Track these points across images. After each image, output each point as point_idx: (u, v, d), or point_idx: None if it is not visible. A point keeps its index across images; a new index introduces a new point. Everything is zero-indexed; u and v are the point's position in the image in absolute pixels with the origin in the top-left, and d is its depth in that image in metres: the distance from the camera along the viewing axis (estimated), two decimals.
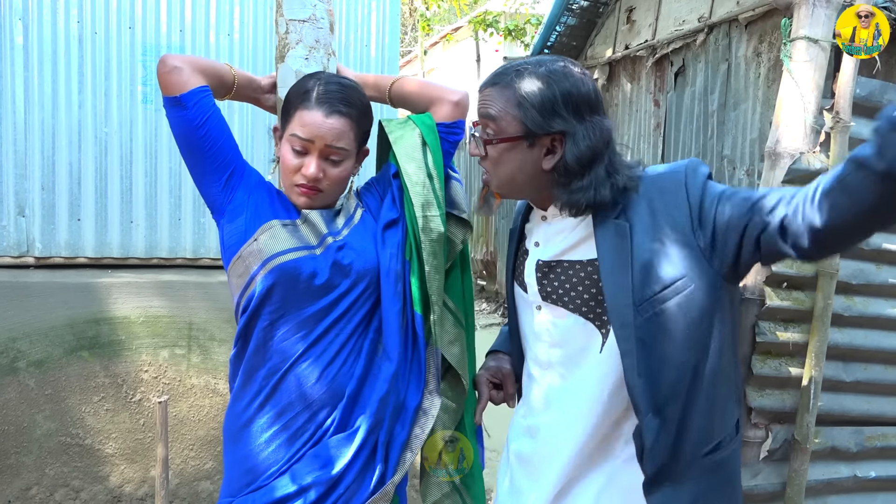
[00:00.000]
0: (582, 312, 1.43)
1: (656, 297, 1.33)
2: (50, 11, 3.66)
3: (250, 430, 1.54)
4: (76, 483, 3.46)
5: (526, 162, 1.39)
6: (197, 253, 3.97)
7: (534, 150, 1.38)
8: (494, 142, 1.40)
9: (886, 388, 1.92)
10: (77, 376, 3.47)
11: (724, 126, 5.14)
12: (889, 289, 1.88)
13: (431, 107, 1.75)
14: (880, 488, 1.96)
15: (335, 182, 1.57)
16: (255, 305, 1.53)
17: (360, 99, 1.59)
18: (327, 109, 1.52)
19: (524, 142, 1.38)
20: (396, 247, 1.62)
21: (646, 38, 6.11)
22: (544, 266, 1.48)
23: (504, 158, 1.41)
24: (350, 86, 1.60)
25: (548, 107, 1.35)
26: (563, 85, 1.36)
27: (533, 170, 1.40)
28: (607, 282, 1.35)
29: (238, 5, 3.97)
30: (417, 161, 1.66)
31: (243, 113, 3.99)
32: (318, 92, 1.54)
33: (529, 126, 1.36)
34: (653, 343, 1.34)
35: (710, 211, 1.32)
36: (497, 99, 1.39)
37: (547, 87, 1.35)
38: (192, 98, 1.54)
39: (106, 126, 3.79)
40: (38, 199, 3.70)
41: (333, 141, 1.52)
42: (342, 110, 1.53)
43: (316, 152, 1.53)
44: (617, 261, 1.35)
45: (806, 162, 1.75)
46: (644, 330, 1.33)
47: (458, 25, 15.40)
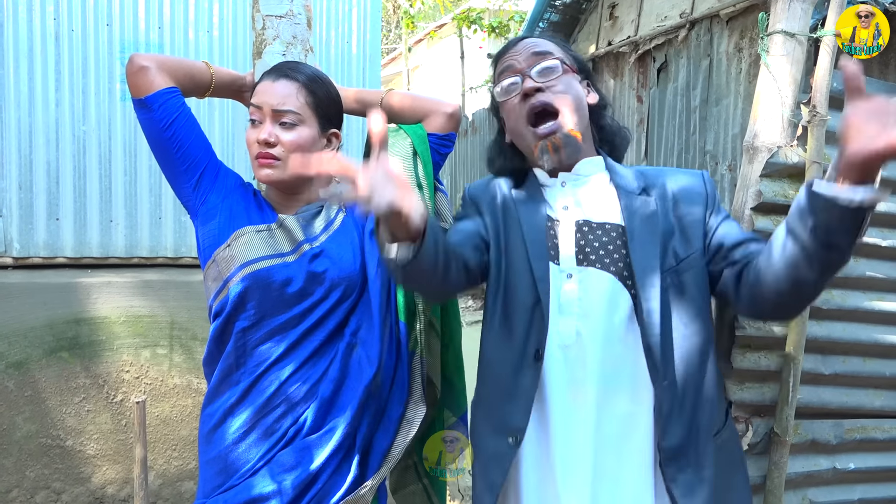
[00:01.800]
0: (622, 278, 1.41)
1: (675, 268, 1.41)
2: (26, 9, 3.62)
3: (223, 432, 1.53)
4: (57, 485, 3.43)
5: (581, 93, 1.52)
6: (178, 252, 3.94)
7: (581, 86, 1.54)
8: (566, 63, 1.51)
9: (865, 381, 1.94)
10: (57, 377, 3.43)
11: (706, 121, 5.16)
12: (866, 282, 1.89)
13: (425, 119, 1.74)
14: (859, 480, 1.98)
15: (290, 149, 1.52)
16: (230, 311, 1.51)
17: (312, 70, 1.59)
18: (275, 76, 1.55)
19: (577, 75, 1.53)
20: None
21: (628, 34, 6.12)
22: (584, 226, 1.46)
23: (571, 84, 1.50)
24: (307, 65, 1.61)
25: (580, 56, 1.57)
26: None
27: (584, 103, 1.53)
28: (636, 248, 1.41)
29: (217, 2, 3.93)
30: (407, 170, 1.66)
31: (224, 112, 3.96)
32: (270, 69, 1.58)
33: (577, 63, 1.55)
34: (672, 309, 1.40)
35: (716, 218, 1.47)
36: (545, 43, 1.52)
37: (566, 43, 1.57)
38: (157, 99, 1.52)
39: (84, 124, 3.75)
40: (15, 199, 3.66)
41: (280, 103, 1.52)
42: (288, 74, 1.55)
43: (267, 119, 1.52)
44: (645, 229, 1.42)
45: (783, 156, 1.75)
46: (665, 295, 1.39)
47: (443, 22, 15.39)
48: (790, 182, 1.79)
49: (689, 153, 5.33)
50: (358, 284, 1.58)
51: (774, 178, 1.77)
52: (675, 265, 1.41)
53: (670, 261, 1.41)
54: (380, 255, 1.33)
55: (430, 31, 16.01)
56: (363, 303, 1.59)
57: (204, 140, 1.58)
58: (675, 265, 1.41)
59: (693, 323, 1.41)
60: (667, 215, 1.45)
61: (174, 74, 1.57)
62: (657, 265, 1.39)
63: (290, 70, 1.55)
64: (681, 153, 5.44)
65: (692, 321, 1.41)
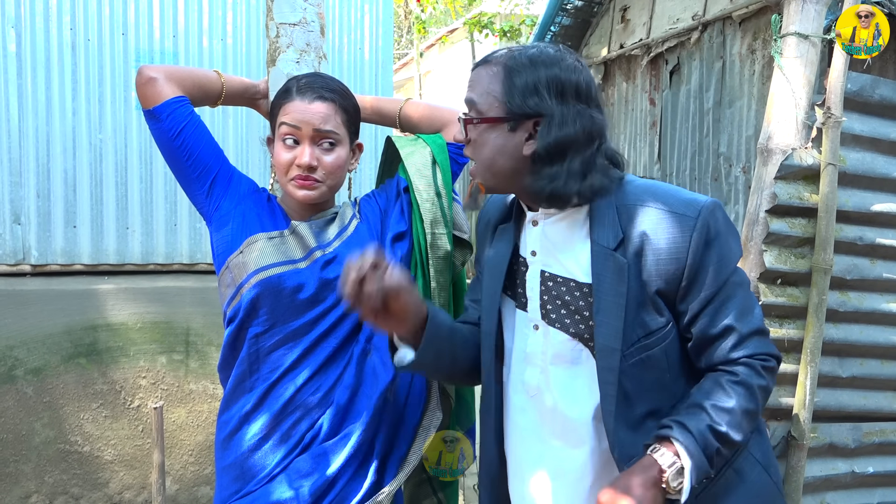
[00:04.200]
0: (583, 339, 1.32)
1: (643, 342, 1.27)
2: (42, 19, 3.66)
3: (239, 438, 1.54)
4: (75, 490, 3.46)
5: (507, 146, 1.30)
6: (193, 258, 3.97)
7: (516, 135, 1.29)
8: (475, 122, 1.31)
9: (883, 384, 1.92)
10: (75, 383, 3.47)
11: (719, 124, 5.14)
12: (884, 284, 1.88)
13: (444, 128, 1.74)
14: (879, 484, 1.96)
15: (331, 171, 1.54)
16: (243, 316, 1.53)
17: (339, 85, 1.59)
18: (310, 96, 1.53)
19: (505, 124, 1.29)
20: (403, 261, 1.62)
21: (640, 36, 6.11)
22: (549, 279, 1.36)
23: (484, 140, 1.31)
24: (328, 76, 1.60)
25: (529, 87, 1.26)
26: (550, 68, 1.28)
27: (514, 155, 1.30)
28: (600, 320, 1.27)
29: (231, 10, 3.97)
30: (427, 178, 1.66)
31: (238, 119, 3.99)
32: (299, 85, 1.55)
33: (509, 105, 1.28)
34: (635, 390, 1.28)
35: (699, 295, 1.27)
36: (482, 80, 1.32)
37: (532, 67, 1.28)
38: (165, 109, 1.54)
39: (100, 132, 3.79)
40: (33, 207, 3.70)
41: (321, 124, 1.52)
42: (325, 95, 1.54)
43: (306, 140, 1.52)
44: (612, 301, 1.27)
45: (798, 158, 1.74)
46: (627, 375, 1.27)
47: (454, 27, 15.41)
48: (805, 184, 1.78)
49: (703, 155, 5.31)
50: None
51: (789, 181, 1.77)
52: (642, 337, 1.27)
53: (637, 332, 1.27)
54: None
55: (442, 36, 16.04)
56: None
57: (215, 147, 1.60)
58: (641, 337, 1.27)
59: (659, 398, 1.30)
60: (639, 279, 1.27)
61: (183, 84, 1.58)
62: (618, 346, 1.26)
63: (322, 89, 1.54)
64: (694, 155, 5.42)
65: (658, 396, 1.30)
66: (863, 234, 1.85)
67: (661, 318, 1.28)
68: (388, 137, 1.78)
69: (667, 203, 1.28)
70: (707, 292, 1.26)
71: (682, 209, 1.27)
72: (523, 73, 1.28)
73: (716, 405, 1.23)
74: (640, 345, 1.27)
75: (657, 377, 1.29)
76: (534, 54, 1.29)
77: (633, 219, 1.28)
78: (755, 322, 1.29)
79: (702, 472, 1.20)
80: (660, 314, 1.28)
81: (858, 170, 1.84)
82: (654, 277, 1.26)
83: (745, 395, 1.25)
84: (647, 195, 1.30)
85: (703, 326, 1.27)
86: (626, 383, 1.27)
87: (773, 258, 1.75)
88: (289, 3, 1.79)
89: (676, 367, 1.31)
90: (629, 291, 1.26)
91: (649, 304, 1.27)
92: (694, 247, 1.25)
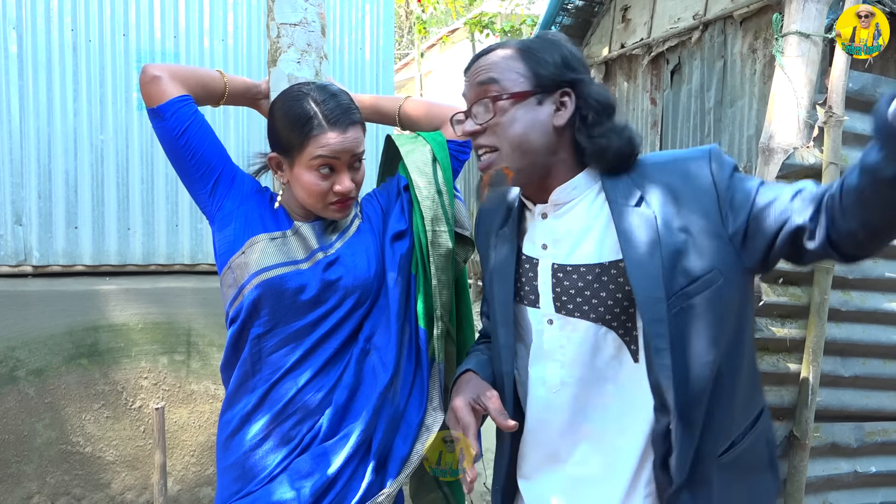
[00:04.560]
0: (606, 321, 1.30)
1: (685, 290, 1.24)
2: (44, 20, 3.66)
3: (240, 438, 1.54)
4: (77, 491, 3.46)
5: (537, 120, 1.29)
6: (195, 259, 3.97)
7: (543, 108, 1.30)
8: (505, 97, 1.29)
9: (885, 383, 1.92)
10: (77, 384, 3.47)
11: (720, 123, 5.13)
12: (886, 283, 1.87)
13: (444, 125, 1.74)
14: (881, 483, 1.96)
15: (360, 186, 1.57)
16: (245, 317, 1.53)
17: (349, 98, 1.58)
18: (342, 125, 1.50)
19: (534, 98, 1.29)
20: (403, 259, 1.62)
21: (641, 36, 6.11)
22: (559, 271, 1.34)
23: (512, 118, 1.29)
24: (339, 91, 1.58)
25: (556, 59, 1.30)
26: (567, 45, 1.33)
27: (545, 129, 1.30)
28: (636, 276, 1.25)
29: (232, 10, 3.97)
30: (427, 176, 1.66)
31: (239, 120, 3.99)
32: (324, 112, 1.50)
33: (542, 77, 1.29)
34: (682, 340, 1.25)
35: (745, 200, 1.25)
36: (498, 62, 1.32)
37: (550, 44, 1.32)
38: (169, 108, 1.54)
39: (102, 133, 3.79)
40: (34, 208, 3.70)
41: (357, 149, 1.52)
42: (354, 119, 1.52)
43: (344, 167, 1.52)
44: (645, 253, 1.25)
45: (800, 157, 1.74)
46: (674, 326, 1.24)
47: (455, 27, 15.41)
48: None
49: None
50: (373, 291, 1.59)
51: (791, 180, 1.77)
52: (686, 286, 1.25)
53: (680, 281, 1.25)
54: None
55: (443, 36, 16.05)
56: (378, 308, 1.60)
57: (218, 146, 1.59)
58: (685, 286, 1.25)
59: (709, 350, 1.26)
60: (670, 227, 1.25)
61: (186, 83, 1.58)
62: (662, 293, 1.24)
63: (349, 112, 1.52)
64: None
65: (708, 348, 1.26)
66: None
67: (705, 264, 1.24)
68: (388, 136, 1.78)
69: (674, 156, 1.33)
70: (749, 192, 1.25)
71: (690, 154, 1.31)
72: (545, 50, 1.31)
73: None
74: (682, 293, 1.24)
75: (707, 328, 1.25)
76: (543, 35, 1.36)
77: (646, 177, 1.30)
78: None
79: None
80: (704, 259, 1.25)
81: None
82: (690, 219, 1.25)
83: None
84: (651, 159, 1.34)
85: (777, 205, 1.22)
86: (675, 334, 1.24)
87: None
88: (290, 3, 1.79)
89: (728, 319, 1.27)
90: (662, 239, 1.25)
91: (691, 250, 1.25)
92: (717, 176, 1.26)
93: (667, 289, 1.24)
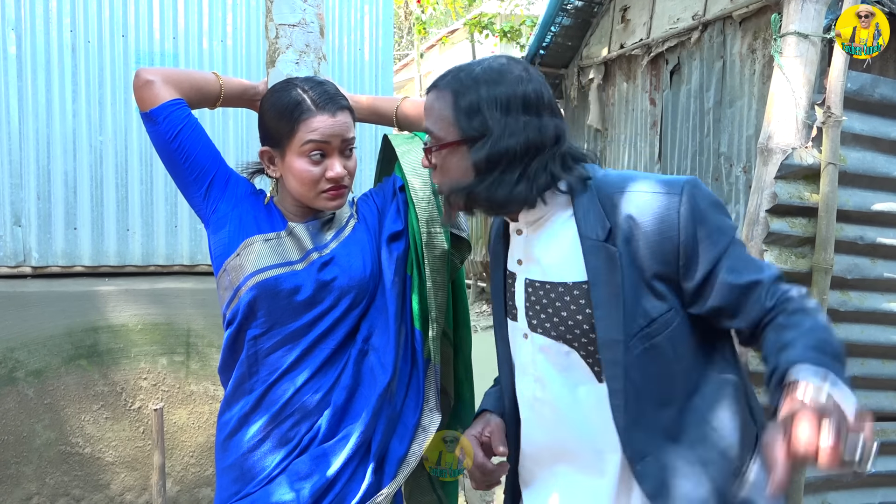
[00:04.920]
0: (567, 340, 1.31)
1: (645, 331, 1.24)
2: (43, 21, 3.66)
3: (239, 439, 1.54)
4: (76, 492, 3.46)
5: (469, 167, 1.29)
6: (194, 260, 3.97)
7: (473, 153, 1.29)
8: (434, 149, 1.33)
9: (884, 383, 1.92)
10: (76, 385, 3.47)
11: (720, 123, 5.13)
12: (884, 283, 1.87)
13: None
14: (880, 484, 1.96)
15: (352, 174, 1.57)
16: (241, 319, 1.53)
17: (338, 87, 1.60)
18: (331, 109, 1.51)
19: (463, 146, 1.29)
20: (399, 260, 1.61)
21: (640, 36, 6.11)
22: (530, 286, 1.36)
23: (447, 165, 1.32)
24: (326, 81, 1.60)
25: (473, 107, 1.27)
26: (493, 86, 1.28)
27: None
28: (600, 314, 1.25)
29: (231, 11, 3.97)
30: (423, 177, 1.65)
31: (238, 121, 3.99)
32: (312, 97, 1.52)
33: (465, 125, 1.28)
34: (643, 381, 1.25)
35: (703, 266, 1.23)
36: (433, 107, 1.33)
37: (475, 87, 1.28)
38: (162, 112, 1.54)
39: (101, 134, 3.79)
40: (34, 209, 3.70)
41: (347, 133, 1.53)
42: (342, 104, 1.53)
43: (335, 152, 1.52)
44: (609, 291, 1.24)
45: (798, 157, 1.74)
46: (634, 368, 1.24)
47: (454, 28, 15.42)
48: (805, 183, 1.78)
49: (704, 155, 5.31)
50: (369, 291, 1.58)
51: (789, 180, 1.77)
52: (645, 327, 1.24)
53: (640, 322, 1.23)
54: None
55: (442, 36, 16.05)
56: (376, 308, 1.60)
57: (212, 149, 1.59)
58: (644, 327, 1.24)
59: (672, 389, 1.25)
60: (633, 265, 1.24)
61: (180, 87, 1.58)
62: (621, 335, 1.23)
63: (338, 98, 1.54)
64: (695, 155, 5.41)
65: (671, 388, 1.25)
66: (863, 234, 1.85)
67: (662, 304, 1.24)
68: (385, 136, 1.78)
69: (648, 186, 1.26)
70: (711, 257, 1.22)
71: (664, 188, 1.25)
72: (467, 95, 1.28)
73: (796, 336, 1.14)
74: (642, 334, 1.24)
75: (664, 368, 1.26)
76: (478, 73, 1.30)
77: (617, 207, 1.26)
78: (774, 269, 1.26)
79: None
80: (661, 300, 1.24)
81: (859, 169, 1.84)
82: (649, 261, 1.23)
83: (812, 313, 1.19)
84: (626, 182, 1.29)
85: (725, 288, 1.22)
86: (633, 375, 1.24)
87: (774, 258, 1.75)
88: (288, 4, 1.79)
89: (685, 357, 1.27)
90: (624, 280, 1.23)
91: (648, 290, 1.24)
92: (684, 222, 1.22)
93: (626, 330, 1.24)
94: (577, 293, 1.28)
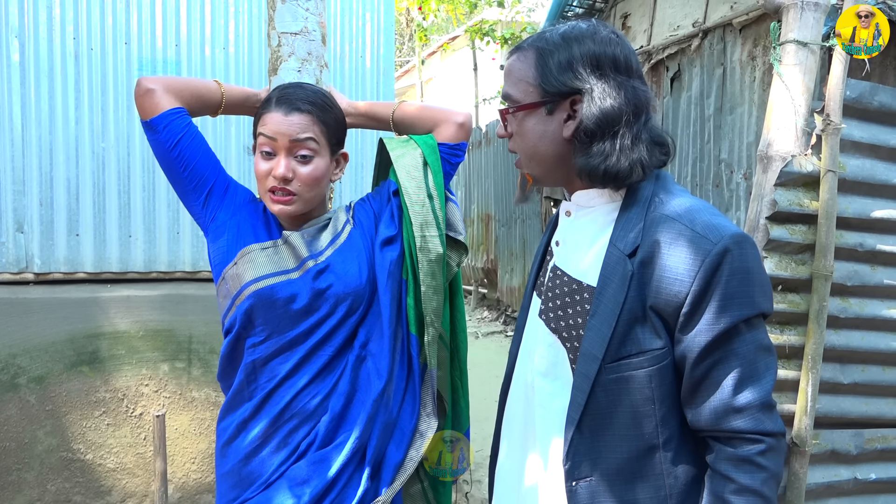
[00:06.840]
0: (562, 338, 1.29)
1: (628, 359, 1.20)
2: (46, 28, 3.68)
3: (237, 445, 1.55)
4: (78, 498, 3.46)
5: (547, 131, 1.25)
6: (196, 266, 3.98)
7: (554, 118, 1.25)
8: (512, 111, 1.28)
9: (885, 390, 1.92)
10: (78, 391, 3.47)
11: (720, 130, 5.14)
12: (885, 290, 1.88)
13: (436, 128, 1.74)
14: (881, 490, 1.96)
15: (307, 183, 1.54)
16: (239, 328, 1.54)
17: (321, 97, 1.59)
18: (287, 108, 1.54)
19: (542, 109, 1.25)
20: (393, 265, 1.62)
21: (641, 43, 6.13)
22: (554, 271, 1.34)
23: (524, 129, 1.27)
24: (310, 87, 1.61)
25: (563, 64, 1.22)
26: (583, 43, 1.22)
27: (555, 139, 1.25)
28: (592, 325, 1.22)
29: (233, 19, 3.99)
30: (417, 180, 1.65)
31: (240, 128, 4.00)
32: (277, 96, 1.56)
33: (545, 87, 1.23)
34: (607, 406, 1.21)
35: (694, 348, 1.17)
36: (514, 69, 1.28)
37: (565, 45, 1.23)
38: (162, 121, 1.55)
39: (103, 141, 3.80)
40: (36, 215, 3.71)
41: (297, 134, 1.52)
42: (302, 107, 1.54)
43: (283, 151, 1.53)
44: (609, 308, 1.20)
45: (798, 165, 1.75)
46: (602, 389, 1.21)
47: (455, 35, 15.47)
48: (805, 191, 1.79)
49: (704, 162, 5.32)
50: (365, 297, 1.59)
51: (789, 188, 1.77)
52: (632, 355, 1.19)
53: (628, 348, 1.19)
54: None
55: (444, 43, 16.09)
56: (372, 314, 1.60)
57: (211, 158, 1.60)
58: (629, 355, 1.19)
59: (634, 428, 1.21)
60: (640, 290, 1.19)
61: (180, 95, 1.59)
62: (600, 354, 1.20)
63: (300, 101, 1.54)
64: (696, 162, 5.42)
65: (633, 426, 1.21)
66: (863, 241, 1.85)
67: (658, 341, 1.19)
68: (381, 140, 1.78)
69: (693, 221, 1.18)
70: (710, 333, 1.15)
71: (705, 231, 1.16)
72: (556, 53, 1.23)
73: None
74: (625, 361, 1.20)
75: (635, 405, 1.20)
76: (566, 31, 1.25)
77: (654, 229, 1.20)
78: (760, 392, 1.17)
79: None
80: (657, 336, 1.19)
81: (858, 176, 1.84)
82: (654, 293, 1.18)
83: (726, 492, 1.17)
84: (679, 209, 1.21)
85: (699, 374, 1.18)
86: (599, 395, 1.21)
87: (774, 265, 1.75)
88: (290, 12, 1.80)
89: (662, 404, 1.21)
90: (626, 301, 1.19)
91: (646, 320, 1.19)
92: (703, 273, 1.14)
93: (609, 350, 1.20)
94: (587, 297, 1.26)
